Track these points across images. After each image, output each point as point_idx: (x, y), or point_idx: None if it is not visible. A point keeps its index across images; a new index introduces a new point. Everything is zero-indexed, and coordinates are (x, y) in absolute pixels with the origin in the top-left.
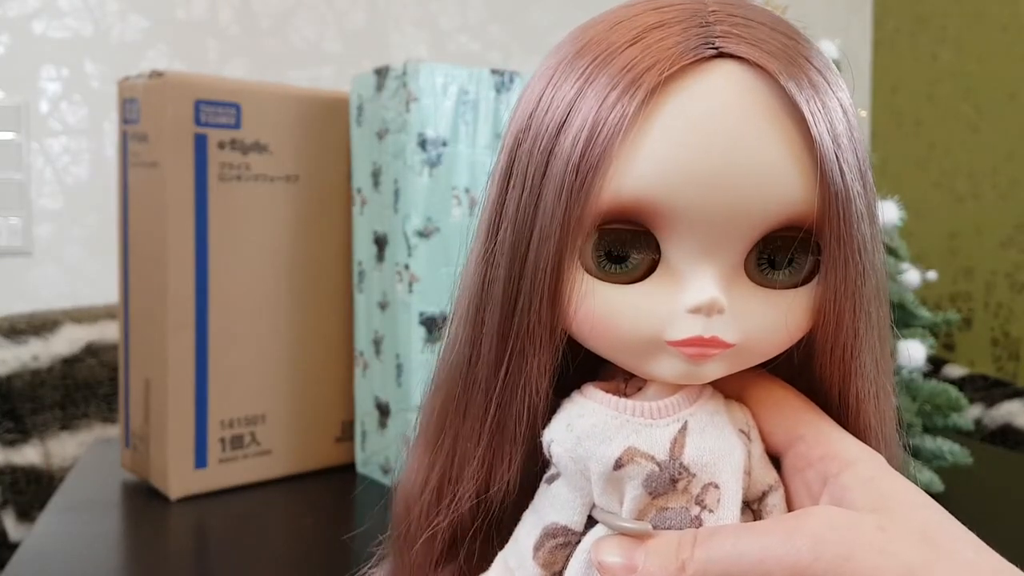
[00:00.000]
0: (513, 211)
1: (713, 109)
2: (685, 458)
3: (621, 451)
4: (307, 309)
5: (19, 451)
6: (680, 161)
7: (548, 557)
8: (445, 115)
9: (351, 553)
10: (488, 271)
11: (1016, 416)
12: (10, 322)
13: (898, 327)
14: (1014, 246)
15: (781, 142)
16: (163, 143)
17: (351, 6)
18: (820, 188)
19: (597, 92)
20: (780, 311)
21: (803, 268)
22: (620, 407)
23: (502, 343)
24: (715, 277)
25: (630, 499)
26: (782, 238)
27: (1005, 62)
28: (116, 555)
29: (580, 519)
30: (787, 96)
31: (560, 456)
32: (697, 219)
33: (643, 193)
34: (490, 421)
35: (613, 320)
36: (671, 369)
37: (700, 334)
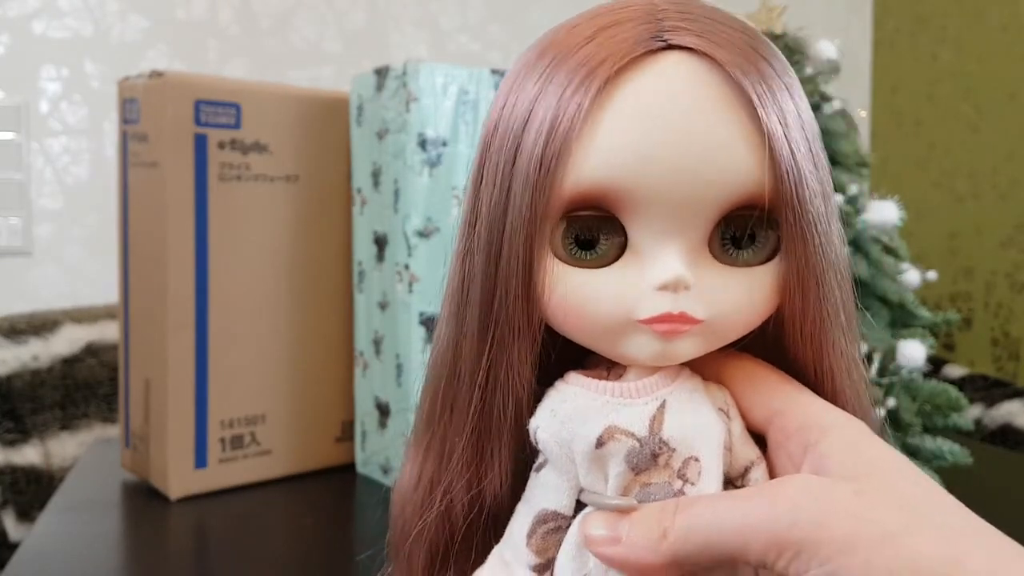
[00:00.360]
0: (486, 208)
1: (664, 96)
2: (664, 433)
3: (602, 429)
4: (307, 309)
5: (19, 451)
6: (635, 146)
7: (541, 543)
8: (445, 115)
9: (351, 553)
10: (467, 268)
11: (1016, 416)
12: (10, 322)
13: (898, 327)
14: (1014, 246)
15: (732, 124)
16: (163, 143)
17: (351, 6)
18: (770, 166)
19: (555, 88)
20: (746, 288)
21: (765, 246)
22: (600, 389)
23: (483, 336)
24: (679, 255)
25: (614, 476)
26: (741, 217)
27: (1005, 62)
28: (116, 555)
29: (569, 503)
30: (735, 82)
31: (546, 442)
32: (656, 201)
33: (602, 179)
34: (475, 413)
35: (585, 304)
36: (645, 348)
37: (669, 310)
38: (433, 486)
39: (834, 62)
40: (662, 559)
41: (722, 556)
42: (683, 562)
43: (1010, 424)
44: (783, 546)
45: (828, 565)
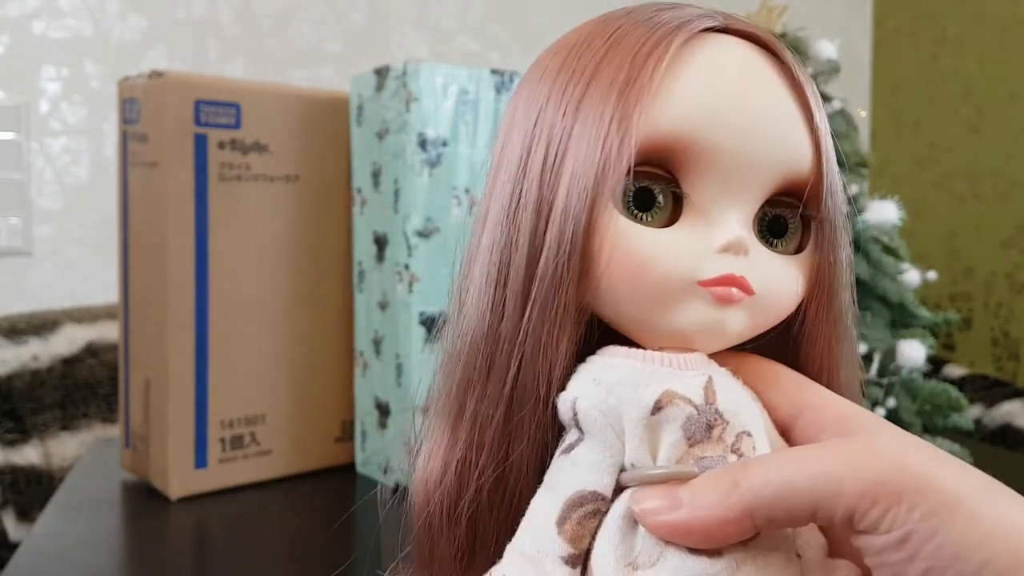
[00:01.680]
0: (539, 165)
1: (734, 65)
2: (719, 404)
3: (659, 393)
4: (307, 309)
5: (19, 451)
6: (709, 103)
7: (576, 529)
8: (445, 115)
9: (351, 553)
10: (512, 227)
11: (1016, 416)
12: (10, 322)
13: (898, 327)
14: (1014, 246)
15: (791, 107)
16: (163, 143)
17: (351, 6)
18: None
19: (626, 50)
20: (786, 271)
21: (794, 238)
22: (648, 359)
23: (524, 297)
24: (740, 220)
25: (667, 446)
26: (781, 204)
27: (1005, 62)
28: (116, 555)
29: (610, 482)
30: (791, 73)
31: (587, 411)
32: (727, 160)
33: (676, 130)
34: (511, 381)
35: (647, 262)
36: (697, 315)
37: (731, 271)
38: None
39: (834, 62)
40: (734, 512)
41: (805, 507)
42: (759, 515)
43: (1010, 424)
44: (883, 492)
45: (932, 519)
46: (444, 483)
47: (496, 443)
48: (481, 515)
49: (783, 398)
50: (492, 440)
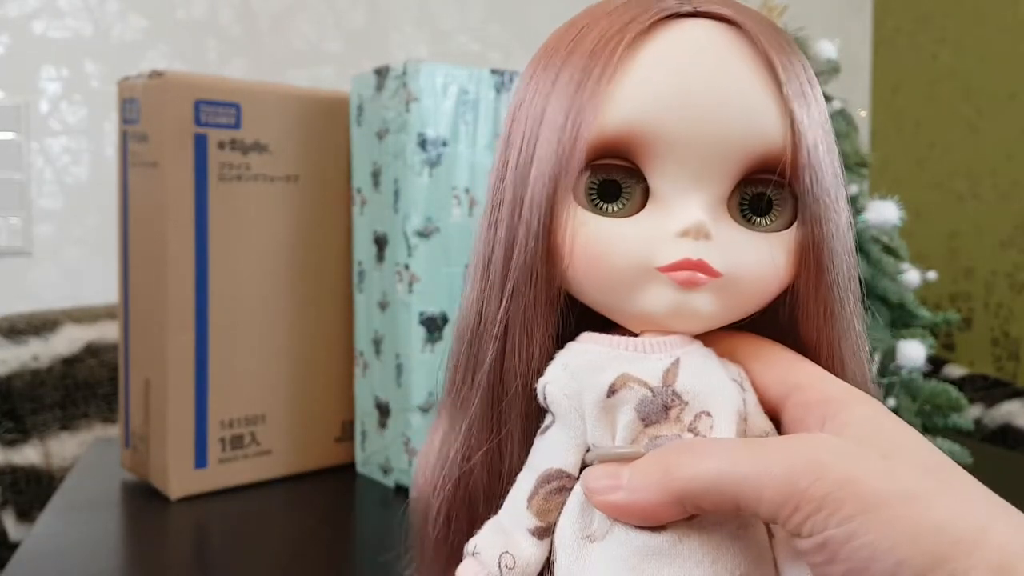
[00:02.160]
0: (513, 167)
1: (692, 50)
2: (678, 386)
3: (614, 377)
4: (307, 309)
5: (19, 451)
6: (662, 93)
7: (542, 504)
8: (445, 115)
9: (351, 553)
10: (493, 229)
11: (1016, 416)
12: (10, 322)
13: (898, 327)
14: (1014, 246)
15: (756, 85)
16: (163, 143)
17: (351, 6)
18: (791, 130)
19: (586, 47)
20: (764, 249)
21: (782, 215)
22: (615, 344)
23: (502, 290)
24: (700, 205)
25: (622, 427)
26: (760, 182)
27: (1005, 62)
28: (116, 555)
29: (575, 461)
30: (761, 50)
31: (554, 395)
32: (681, 147)
33: (629, 123)
34: (494, 370)
35: (605, 251)
36: (661, 299)
37: (688, 256)
38: (453, 451)
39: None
40: (664, 497)
41: (730, 503)
42: (687, 503)
43: (1010, 424)
44: (803, 501)
45: (849, 524)
46: (439, 466)
47: (483, 427)
48: (474, 496)
49: (774, 378)
50: (480, 425)
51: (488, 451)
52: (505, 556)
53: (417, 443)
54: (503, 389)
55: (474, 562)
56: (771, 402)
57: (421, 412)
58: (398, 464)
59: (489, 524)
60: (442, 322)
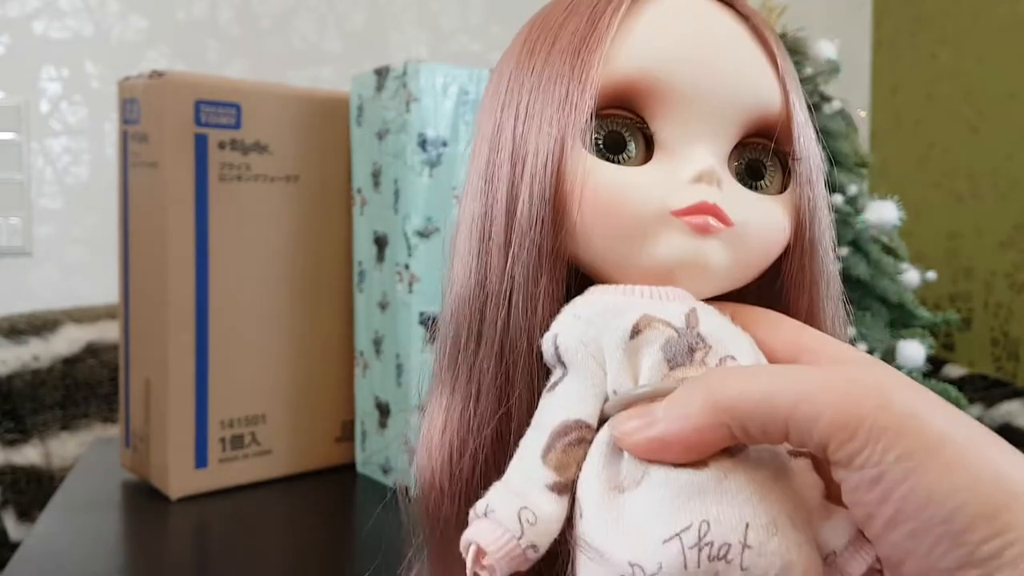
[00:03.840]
0: (511, 122)
1: (698, 9)
2: (701, 328)
3: (637, 318)
4: (307, 309)
5: (19, 451)
6: (671, 43)
7: (561, 457)
8: (445, 115)
9: (351, 553)
10: (489, 192)
11: (1016, 416)
12: (10, 322)
13: (898, 327)
14: (1013, 246)
15: (756, 51)
16: (163, 143)
17: (351, 6)
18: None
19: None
20: (767, 208)
21: (773, 182)
22: (629, 292)
23: (506, 247)
24: (711, 154)
25: (647, 368)
26: (754, 146)
27: (1005, 62)
28: (116, 555)
29: (594, 410)
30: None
31: (567, 344)
32: (692, 96)
33: (640, 69)
34: (501, 330)
35: (619, 198)
36: (676, 245)
37: (704, 199)
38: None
39: (834, 62)
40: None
41: (780, 425)
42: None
43: (1010, 424)
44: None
45: (907, 462)
46: (446, 440)
47: (493, 394)
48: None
49: (781, 342)
50: (489, 391)
51: (497, 418)
52: (525, 511)
53: None
54: (512, 351)
55: (488, 522)
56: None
57: (421, 412)
58: (398, 464)
59: (498, 485)
60: None
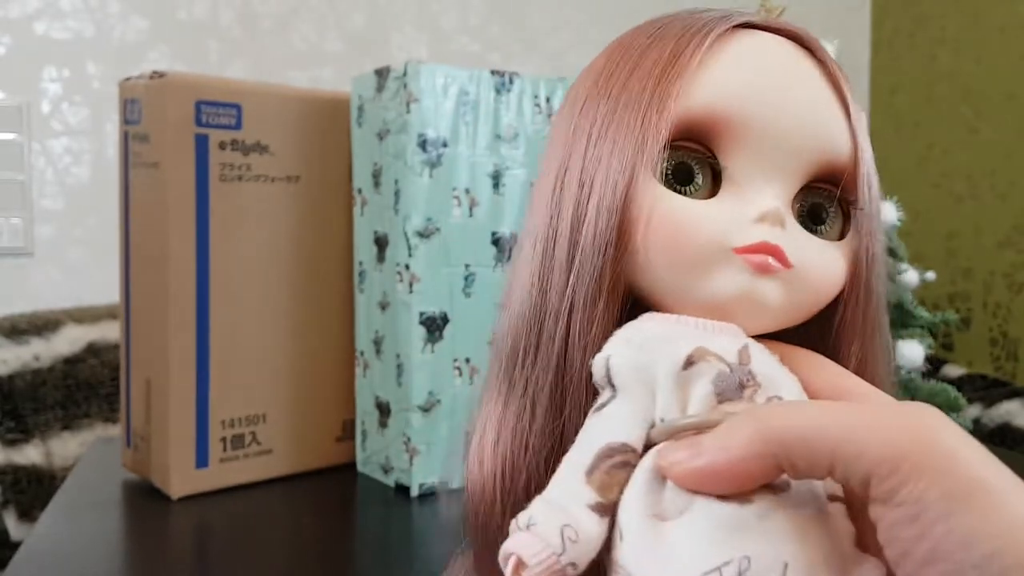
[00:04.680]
0: (584, 143)
1: (773, 52)
2: (753, 366)
3: (692, 349)
4: (308, 309)
5: (20, 451)
6: (751, 81)
7: (604, 478)
8: (445, 116)
9: (351, 553)
10: (557, 206)
11: (1015, 416)
12: (11, 322)
13: (897, 327)
14: (1012, 246)
15: (828, 96)
16: (164, 144)
17: (352, 7)
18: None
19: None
20: (830, 252)
21: (833, 227)
22: (683, 322)
23: (568, 265)
24: (777, 195)
25: (696, 399)
26: (818, 191)
27: (1004, 63)
28: (117, 554)
29: (640, 434)
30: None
31: (619, 367)
32: (763, 135)
33: (718, 104)
34: (559, 347)
35: (684, 229)
36: (733, 282)
37: (766, 240)
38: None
39: None
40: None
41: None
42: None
43: (1009, 424)
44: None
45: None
46: (498, 453)
47: (548, 409)
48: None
49: (825, 383)
50: (545, 407)
51: (552, 433)
52: (567, 529)
53: (418, 442)
54: (568, 368)
55: (530, 536)
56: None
57: (421, 412)
58: (399, 464)
59: (537, 501)
60: (442, 322)
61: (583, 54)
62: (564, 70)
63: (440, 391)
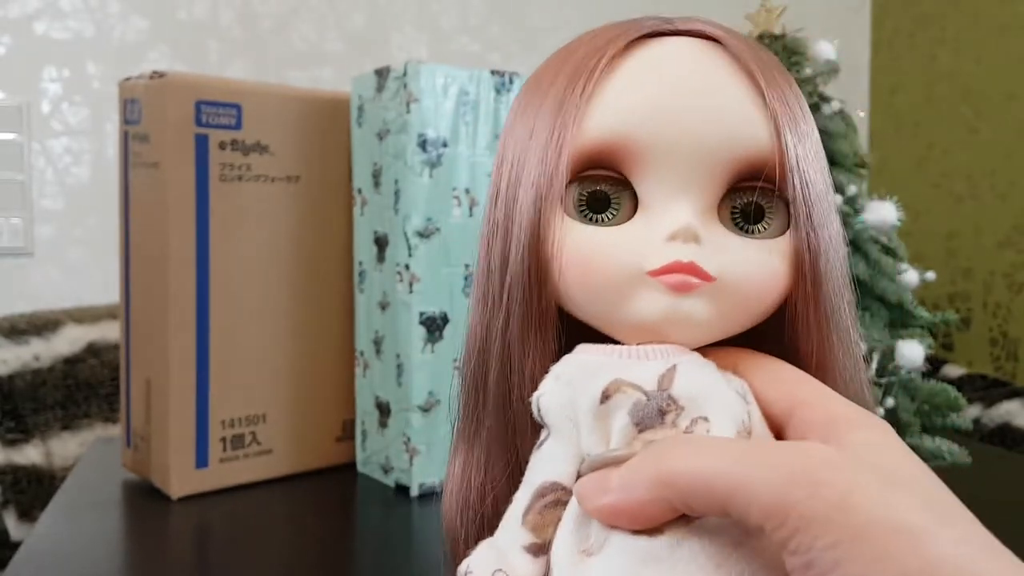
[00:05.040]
0: (504, 185)
1: (672, 60)
2: (674, 390)
3: (607, 382)
4: (308, 309)
5: (20, 451)
6: (643, 98)
7: (537, 519)
8: (445, 116)
9: (351, 553)
10: (489, 249)
11: (1015, 416)
12: (11, 322)
13: (897, 327)
14: (1012, 246)
15: (738, 92)
16: (164, 144)
17: (352, 7)
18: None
19: (570, 67)
20: (759, 255)
21: (774, 223)
22: (608, 352)
23: (499, 305)
24: (688, 210)
25: (616, 431)
26: (750, 190)
27: (1003, 63)
28: (117, 554)
29: (571, 472)
30: (741, 63)
31: (548, 406)
32: (664, 153)
33: (611, 130)
34: (500, 387)
35: (594, 258)
36: (654, 305)
37: (678, 258)
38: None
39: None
40: (654, 492)
41: (719, 506)
42: (676, 500)
43: (1009, 424)
44: (792, 516)
45: (835, 551)
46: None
47: (502, 450)
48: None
49: (779, 393)
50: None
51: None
52: (498, 574)
53: (417, 442)
54: (510, 407)
55: None
56: (775, 418)
57: (421, 412)
58: (398, 464)
59: (483, 544)
60: (442, 322)
61: None
62: None
63: (440, 391)
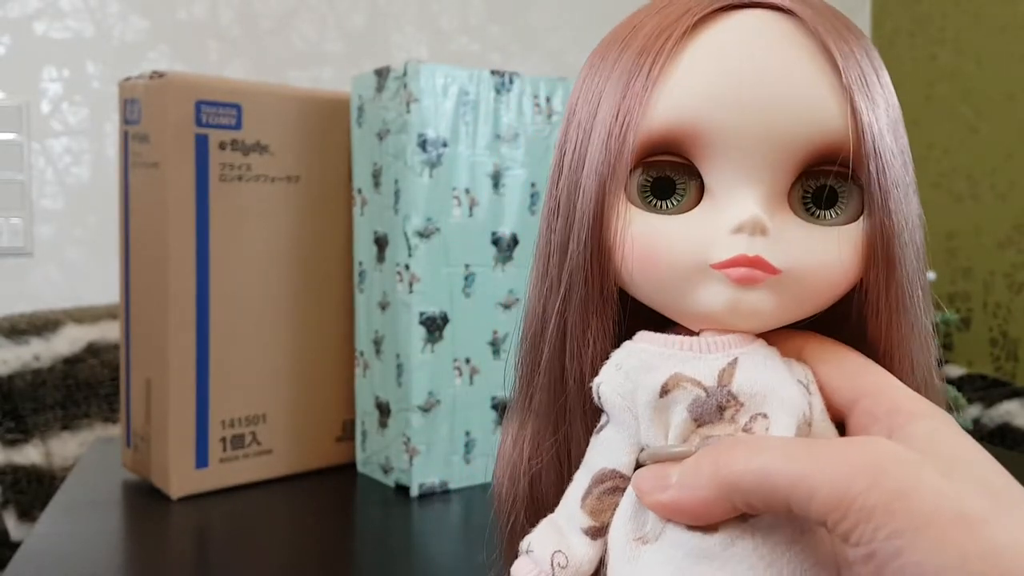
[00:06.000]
0: (567, 167)
1: (745, 39)
2: (734, 386)
3: (667, 377)
4: (308, 309)
5: (20, 451)
6: (712, 83)
7: (596, 504)
8: (445, 116)
9: (351, 553)
10: (550, 230)
11: (1014, 416)
12: (11, 322)
13: None
14: (1012, 246)
15: (812, 71)
16: (164, 144)
17: (352, 7)
18: (852, 118)
19: (638, 43)
20: (829, 244)
21: (848, 208)
22: (668, 343)
23: (559, 288)
24: (756, 199)
25: (674, 426)
26: (823, 173)
27: (1004, 63)
28: (117, 554)
29: (629, 461)
30: (818, 37)
31: (608, 396)
32: (733, 142)
33: (679, 116)
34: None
35: (656, 248)
36: (717, 297)
37: (744, 252)
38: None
39: None
40: (714, 492)
41: (781, 502)
42: (737, 499)
43: (1008, 424)
44: (853, 507)
45: (898, 540)
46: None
47: (548, 426)
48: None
49: (843, 382)
50: (545, 423)
51: (554, 449)
52: (558, 555)
53: (417, 442)
54: (563, 388)
55: (527, 560)
56: (838, 407)
57: (421, 412)
58: (398, 464)
59: (545, 522)
60: (442, 322)
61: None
62: (564, 70)
63: (440, 391)
